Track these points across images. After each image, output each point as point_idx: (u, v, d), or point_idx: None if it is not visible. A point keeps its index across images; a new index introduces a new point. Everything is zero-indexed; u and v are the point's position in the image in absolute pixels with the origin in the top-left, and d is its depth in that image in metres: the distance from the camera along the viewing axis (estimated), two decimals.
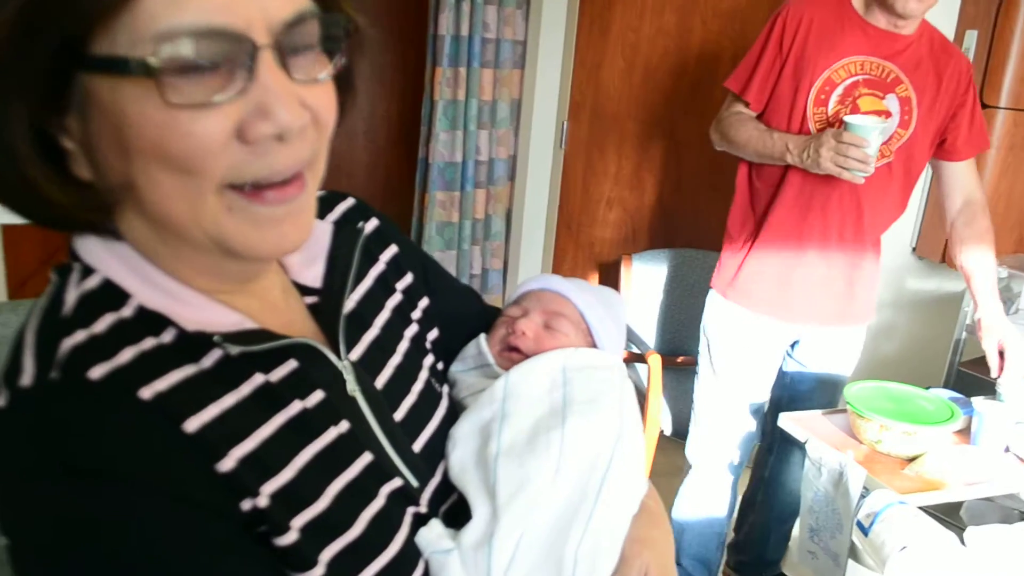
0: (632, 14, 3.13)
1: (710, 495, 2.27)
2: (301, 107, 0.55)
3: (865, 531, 1.44)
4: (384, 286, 0.80)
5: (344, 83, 0.64)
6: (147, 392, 0.54)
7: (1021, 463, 1.71)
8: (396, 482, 0.68)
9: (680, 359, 2.89)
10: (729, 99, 2.10)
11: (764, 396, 2.19)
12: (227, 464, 0.56)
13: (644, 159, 3.26)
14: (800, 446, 1.85)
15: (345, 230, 0.75)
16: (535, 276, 0.98)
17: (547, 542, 0.71)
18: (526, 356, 0.87)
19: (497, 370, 0.86)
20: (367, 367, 0.72)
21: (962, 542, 1.41)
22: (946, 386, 2.29)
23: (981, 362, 2.41)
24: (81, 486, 0.51)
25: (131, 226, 0.59)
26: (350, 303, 0.74)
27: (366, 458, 0.66)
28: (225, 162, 0.54)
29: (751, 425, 2.18)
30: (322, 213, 0.77)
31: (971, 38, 2.53)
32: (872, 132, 1.78)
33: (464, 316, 0.92)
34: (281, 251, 0.60)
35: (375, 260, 0.80)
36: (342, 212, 0.80)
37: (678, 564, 2.32)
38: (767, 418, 2.25)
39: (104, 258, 0.59)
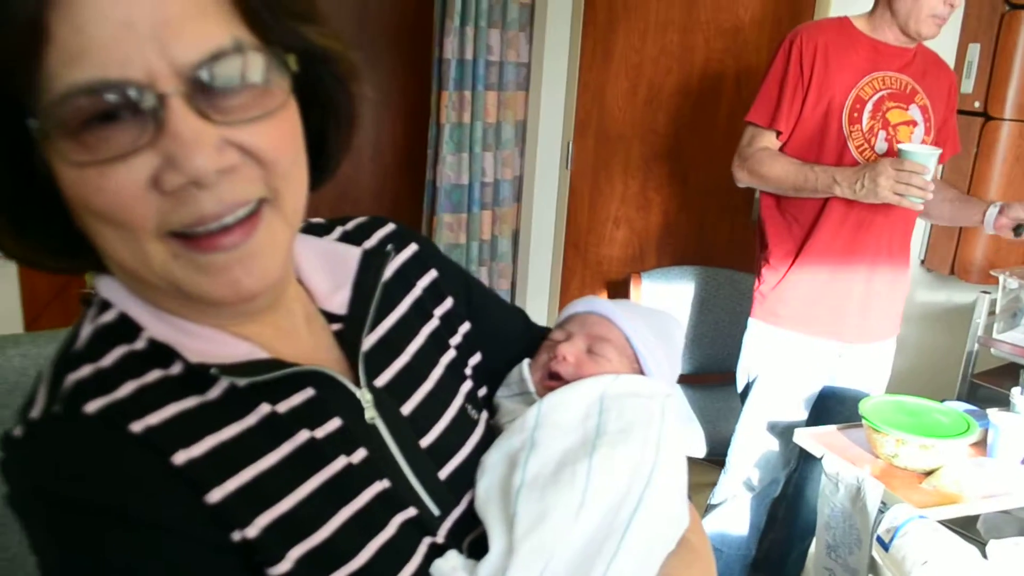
0: (635, 35, 3.15)
1: (743, 519, 2.26)
2: (221, 149, 0.53)
3: (886, 546, 1.43)
4: (420, 312, 0.78)
5: (322, 113, 0.64)
6: (138, 426, 0.55)
7: None
8: (410, 511, 0.67)
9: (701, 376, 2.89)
10: (749, 134, 2.10)
11: (805, 417, 2.19)
12: (216, 496, 0.56)
13: (650, 178, 3.27)
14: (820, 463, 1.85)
15: (374, 256, 0.74)
16: (583, 298, 0.93)
17: None
18: (566, 382, 0.82)
19: (536, 397, 0.82)
20: (394, 393, 0.71)
21: (983, 555, 1.40)
22: (960, 398, 2.29)
23: (994, 373, 2.42)
24: (67, 516, 0.53)
25: (114, 271, 0.61)
26: (381, 330, 0.74)
27: (379, 486, 0.65)
28: (150, 211, 0.53)
29: (794, 448, 2.18)
30: (359, 240, 0.77)
31: (974, 51, 2.55)
32: (931, 159, 1.83)
33: (509, 339, 0.89)
34: (238, 297, 0.58)
35: (411, 286, 0.79)
36: (379, 239, 0.79)
37: None
38: None
39: (119, 293, 0.61)
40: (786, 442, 2.09)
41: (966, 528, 1.88)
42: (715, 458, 2.46)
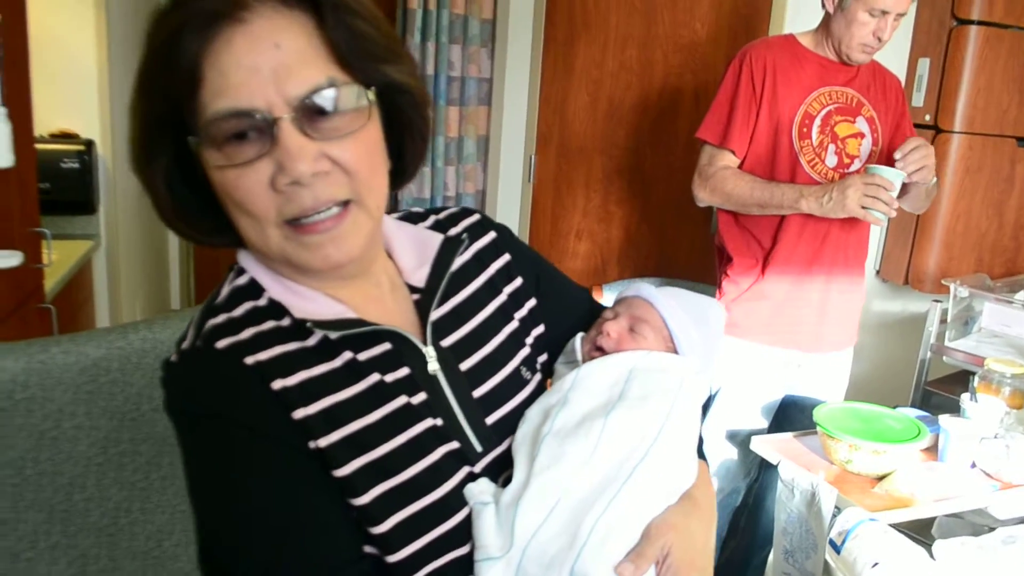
0: (595, 49, 3.19)
1: None
2: (318, 159, 0.72)
3: (837, 549, 1.45)
4: (491, 289, 0.95)
5: (401, 132, 0.83)
6: (251, 359, 0.75)
7: (988, 478, 1.73)
8: (454, 444, 0.83)
9: None
10: (708, 154, 2.13)
11: (766, 426, 2.21)
12: (299, 414, 0.75)
13: (611, 191, 3.30)
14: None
15: (452, 242, 0.92)
16: (634, 284, 1.07)
17: (574, 514, 0.79)
18: (608, 354, 0.95)
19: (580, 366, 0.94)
20: (457, 352, 0.88)
21: (931, 556, 1.43)
22: (913, 405, 2.33)
23: (946, 381, 2.46)
24: (199, 419, 0.75)
25: (249, 247, 0.81)
26: (454, 302, 0.91)
27: (431, 422, 0.82)
28: (270, 205, 0.73)
29: (755, 458, 2.20)
30: (447, 227, 0.96)
31: (924, 66, 2.61)
32: (898, 177, 1.90)
33: (572, 315, 1.03)
34: (328, 266, 0.77)
35: (486, 267, 0.96)
36: (462, 227, 0.97)
37: None
38: None
39: (252, 264, 0.83)
40: (747, 451, 2.11)
41: (920, 533, 1.90)
42: None
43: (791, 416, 2.20)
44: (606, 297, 2.87)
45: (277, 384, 0.75)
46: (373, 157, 0.78)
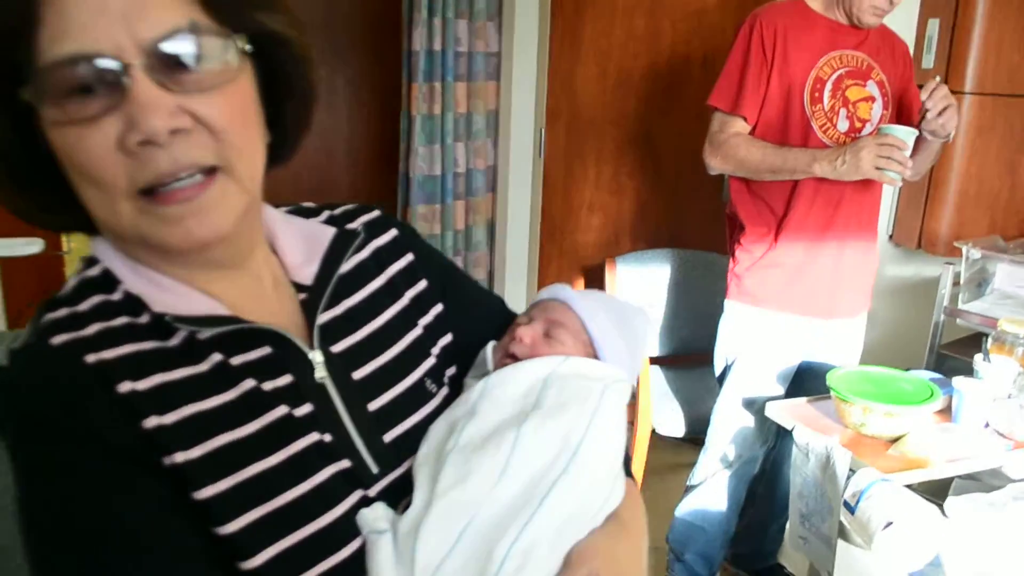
0: (603, 20, 3.17)
1: (722, 497, 2.30)
2: (175, 114, 0.62)
3: (852, 510, 1.47)
4: (391, 292, 0.85)
5: (280, 94, 0.72)
6: (92, 358, 0.64)
7: (1001, 438, 1.75)
8: (344, 463, 0.73)
9: (673, 358, 2.92)
10: (718, 121, 2.11)
11: (782, 394, 2.23)
12: (151, 423, 0.64)
13: (622, 163, 3.30)
14: None
15: (345, 237, 0.82)
16: (550, 286, 0.97)
17: (484, 540, 0.70)
18: (520, 362, 0.86)
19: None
20: (348, 360, 0.78)
21: (943, 514, 1.44)
22: (927, 369, 2.33)
23: (960, 344, 2.46)
24: (24, 428, 0.63)
25: (99, 228, 0.70)
26: (347, 304, 0.81)
27: (316, 437, 0.71)
28: (120, 171, 0.62)
29: (771, 426, 2.21)
30: (343, 224, 0.85)
31: (933, 26, 2.59)
32: (911, 136, 1.90)
33: (483, 323, 0.93)
34: (190, 244, 0.66)
35: (385, 267, 0.86)
36: (360, 223, 0.87)
37: (681, 560, 2.35)
38: None
39: (106, 252, 0.71)
40: (763, 419, 2.12)
41: (936, 495, 1.92)
42: (693, 437, 2.49)
43: (807, 383, 2.21)
44: (620, 271, 2.88)
45: (124, 387, 0.64)
46: (245, 117, 0.67)
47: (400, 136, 3.21)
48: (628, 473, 0.86)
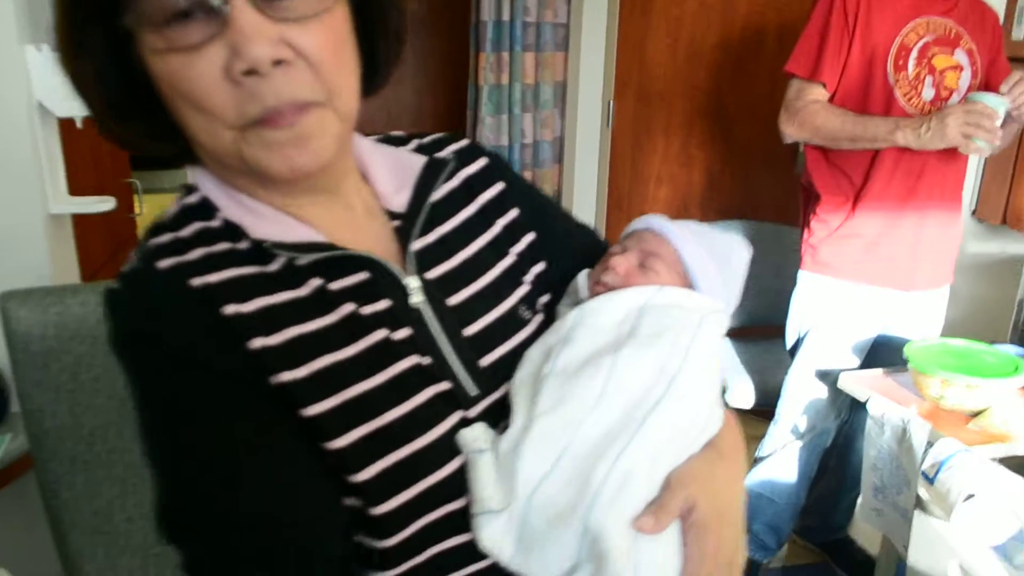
0: None
1: (792, 468, 2.26)
2: (277, 44, 0.62)
3: (931, 480, 1.42)
4: (483, 220, 0.86)
5: (373, 27, 0.72)
6: (197, 281, 0.67)
7: None
8: (444, 385, 0.74)
9: (747, 330, 2.87)
10: (796, 87, 2.06)
11: (858, 366, 2.17)
12: (257, 344, 0.66)
13: (691, 135, 3.24)
14: None
15: (437, 164, 0.83)
16: (644, 216, 0.95)
17: (583, 461, 0.71)
18: (614, 291, 0.86)
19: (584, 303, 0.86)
20: (443, 286, 0.79)
21: None
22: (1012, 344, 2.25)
23: None
24: (135, 347, 0.66)
25: (200, 156, 0.71)
26: (440, 231, 0.82)
27: (415, 360, 0.73)
28: (229, 101, 0.63)
29: (845, 398, 2.16)
30: (432, 152, 0.86)
31: None
32: (1002, 105, 1.84)
33: (576, 252, 0.93)
34: (291, 171, 0.67)
35: (476, 196, 0.86)
36: (450, 152, 0.88)
37: (749, 531, 2.32)
38: None
39: (204, 181, 0.73)
40: (837, 392, 2.07)
41: (1019, 472, 1.85)
42: (762, 409, 2.45)
43: (883, 356, 2.15)
44: None
45: (230, 309, 0.66)
46: (341, 49, 0.68)
47: (467, 106, 3.21)
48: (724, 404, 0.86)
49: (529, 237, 0.89)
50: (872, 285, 2.08)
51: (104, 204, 1.86)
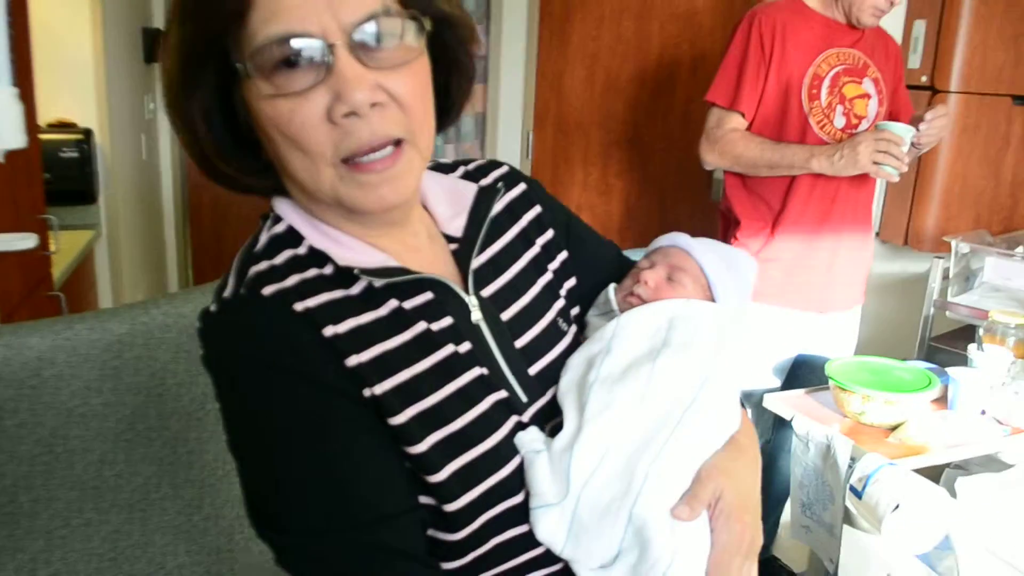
0: (591, 23, 3.20)
1: None
2: (374, 89, 0.70)
3: (858, 494, 1.48)
4: (524, 240, 0.94)
5: (447, 69, 0.81)
6: (300, 306, 0.74)
7: (998, 424, 1.77)
8: (502, 393, 0.82)
9: None
10: (716, 116, 2.13)
11: (779, 386, 2.24)
12: (352, 361, 0.74)
13: (610, 164, 3.32)
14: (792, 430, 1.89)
15: (487, 192, 0.91)
16: (668, 234, 1.06)
17: (627, 458, 0.80)
18: (645, 303, 0.95)
19: (618, 315, 0.95)
20: (497, 303, 0.87)
21: (953, 494, 1.46)
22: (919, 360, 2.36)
23: (949, 336, 2.49)
24: (249, 369, 0.72)
25: (291, 191, 0.79)
26: (490, 252, 0.90)
27: (479, 371, 0.81)
28: (326, 140, 0.71)
29: (768, 419, 2.22)
30: (477, 178, 0.94)
31: (920, 27, 2.63)
32: (908, 133, 1.94)
33: (601, 267, 1.02)
34: (382, 207, 0.76)
35: (518, 218, 0.95)
36: (493, 178, 0.96)
37: None
38: None
39: (289, 211, 0.80)
40: (760, 412, 2.14)
41: (935, 482, 1.94)
42: None
43: (803, 375, 2.23)
44: None
45: (328, 331, 0.74)
46: (425, 93, 0.76)
47: None
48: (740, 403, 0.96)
49: (562, 255, 0.97)
50: (792, 308, 2.16)
51: (26, 241, 1.79)
